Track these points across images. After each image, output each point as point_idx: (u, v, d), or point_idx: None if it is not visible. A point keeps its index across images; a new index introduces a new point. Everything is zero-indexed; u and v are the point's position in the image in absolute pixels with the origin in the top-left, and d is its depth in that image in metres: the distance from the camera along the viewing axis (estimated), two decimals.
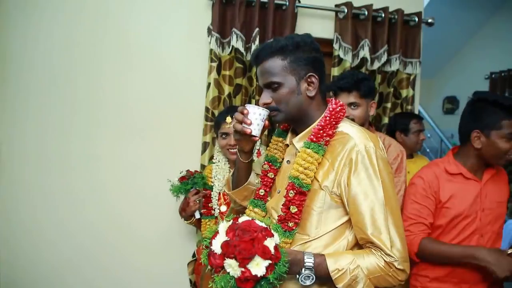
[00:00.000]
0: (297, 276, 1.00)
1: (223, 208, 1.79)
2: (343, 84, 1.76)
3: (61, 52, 2.07)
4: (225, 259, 0.87)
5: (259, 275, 0.85)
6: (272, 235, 0.91)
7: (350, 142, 1.06)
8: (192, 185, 1.79)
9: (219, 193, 1.84)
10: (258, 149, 1.87)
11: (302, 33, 1.17)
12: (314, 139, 1.09)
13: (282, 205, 1.10)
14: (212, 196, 1.83)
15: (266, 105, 1.13)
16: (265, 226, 0.93)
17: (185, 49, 2.21)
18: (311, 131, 1.13)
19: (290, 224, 1.07)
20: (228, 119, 1.74)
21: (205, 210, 1.85)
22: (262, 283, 0.86)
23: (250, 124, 1.09)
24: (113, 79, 2.14)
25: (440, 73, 5.92)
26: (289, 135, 1.26)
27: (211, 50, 2.10)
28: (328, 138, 1.09)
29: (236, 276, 0.86)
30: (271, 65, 1.11)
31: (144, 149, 2.18)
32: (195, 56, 2.20)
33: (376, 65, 2.35)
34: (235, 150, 1.73)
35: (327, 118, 1.11)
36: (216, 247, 0.90)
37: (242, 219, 0.96)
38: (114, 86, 2.14)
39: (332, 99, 1.18)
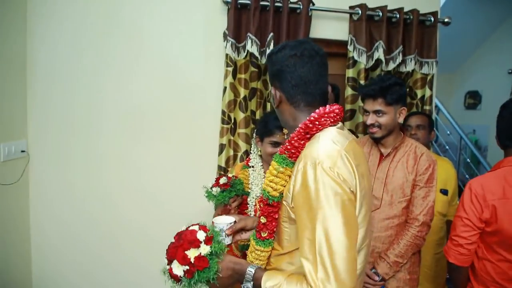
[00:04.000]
0: (241, 284, 1.05)
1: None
2: (368, 91, 1.75)
3: (74, 55, 2.13)
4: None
5: (178, 275, 1.01)
6: (198, 247, 1.02)
7: (301, 155, 1.01)
8: (235, 192, 1.74)
9: (256, 200, 1.77)
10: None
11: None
12: (284, 151, 1.06)
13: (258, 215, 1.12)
14: (248, 202, 1.79)
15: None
16: (198, 238, 1.03)
17: (200, 53, 2.26)
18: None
19: (263, 234, 1.08)
20: (285, 130, 1.64)
21: None
22: (184, 282, 1.02)
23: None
24: (130, 83, 2.20)
25: (461, 68, 5.78)
26: None
27: (226, 55, 2.15)
28: (293, 150, 1.03)
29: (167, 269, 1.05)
30: None
31: (161, 152, 2.26)
32: (211, 60, 2.25)
33: (391, 66, 2.35)
34: None
35: (301, 129, 1.04)
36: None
37: (193, 227, 1.08)
38: (131, 90, 2.21)
39: (328, 106, 1.07)
